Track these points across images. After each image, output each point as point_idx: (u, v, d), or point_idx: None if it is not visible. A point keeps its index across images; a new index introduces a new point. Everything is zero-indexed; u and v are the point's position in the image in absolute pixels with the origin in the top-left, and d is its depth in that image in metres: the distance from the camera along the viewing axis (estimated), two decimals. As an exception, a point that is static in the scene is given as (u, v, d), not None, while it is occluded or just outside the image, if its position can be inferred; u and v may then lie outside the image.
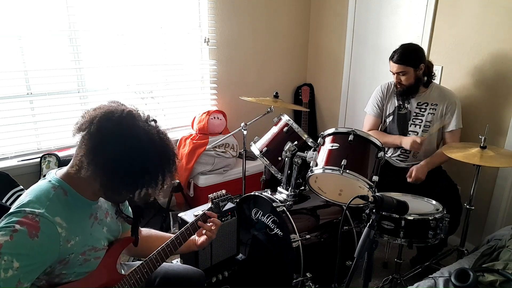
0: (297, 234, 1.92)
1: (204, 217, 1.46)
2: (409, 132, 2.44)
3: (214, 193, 1.59)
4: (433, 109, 2.40)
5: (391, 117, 2.52)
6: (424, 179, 2.29)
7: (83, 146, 1.07)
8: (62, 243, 1.07)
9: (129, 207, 1.40)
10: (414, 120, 2.44)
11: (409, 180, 2.31)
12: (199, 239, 1.48)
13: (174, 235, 1.41)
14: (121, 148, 1.05)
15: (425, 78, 2.40)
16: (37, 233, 1.01)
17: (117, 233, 1.36)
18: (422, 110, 2.42)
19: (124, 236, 1.41)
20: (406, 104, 2.46)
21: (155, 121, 1.17)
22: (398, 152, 2.51)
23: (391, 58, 2.35)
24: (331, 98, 3.68)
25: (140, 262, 1.36)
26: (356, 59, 3.35)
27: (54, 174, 1.16)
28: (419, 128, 2.42)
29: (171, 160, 1.15)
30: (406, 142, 2.35)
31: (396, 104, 2.50)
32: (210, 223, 1.46)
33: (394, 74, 2.37)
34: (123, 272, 1.35)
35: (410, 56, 2.31)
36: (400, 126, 2.48)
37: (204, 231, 1.46)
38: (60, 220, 1.07)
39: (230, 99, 3.42)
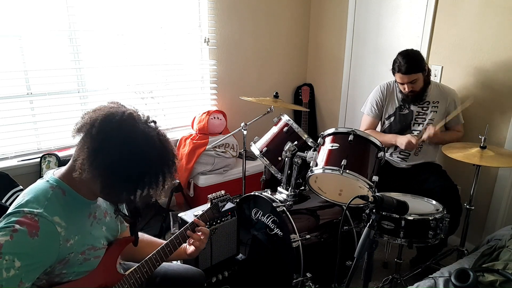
0: (297, 234, 1.92)
1: (192, 226, 1.43)
2: (412, 132, 2.44)
3: (214, 194, 1.60)
4: (435, 106, 2.40)
5: (392, 118, 2.52)
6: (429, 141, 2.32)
7: (84, 148, 1.07)
8: (61, 242, 1.07)
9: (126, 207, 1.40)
10: (417, 119, 2.44)
11: (426, 132, 2.29)
12: (189, 248, 1.47)
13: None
14: (122, 150, 1.06)
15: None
16: (37, 232, 1.01)
17: (116, 232, 1.37)
18: (424, 108, 2.42)
19: (123, 235, 1.41)
20: (407, 104, 2.46)
21: (154, 122, 1.17)
22: (399, 149, 2.51)
23: (398, 71, 2.29)
24: (331, 98, 3.68)
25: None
26: (356, 59, 3.35)
27: (52, 174, 1.16)
28: (423, 127, 2.42)
29: (170, 161, 1.16)
30: (401, 142, 2.35)
31: (397, 105, 2.49)
32: (199, 233, 1.44)
33: (403, 84, 2.33)
34: (122, 271, 1.35)
35: (417, 63, 2.27)
36: (402, 127, 2.48)
37: (192, 241, 1.43)
38: (59, 220, 1.07)
39: (230, 99, 3.42)
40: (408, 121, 2.46)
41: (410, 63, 2.25)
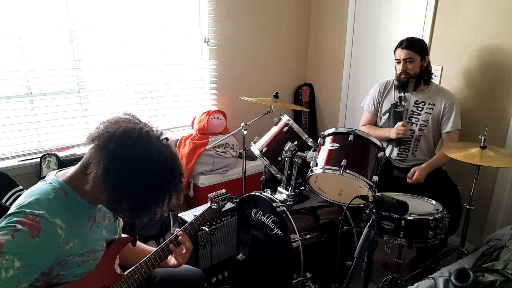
0: (297, 234, 1.92)
1: (175, 239, 1.40)
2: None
3: (214, 193, 1.59)
4: (430, 108, 2.40)
5: (387, 115, 2.53)
6: (423, 181, 2.29)
7: (100, 164, 1.06)
8: (61, 244, 1.07)
9: None
10: (410, 118, 2.44)
11: (409, 181, 2.31)
12: (170, 259, 1.42)
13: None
14: (136, 170, 1.07)
15: (425, 78, 2.40)
16: (38, 233, 1.01)
17: (115, 234, 1.36)
18: (419, 109, 2.42)
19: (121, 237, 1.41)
20: (403, 102, 2.45)
21: (167, 139, 1.18)
22: (397, 151, 2.50)
23: (398, 46, 2.38)
24: (331, 98, 3.68)
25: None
26: (356, 59, 3.35)
27: (54, 176, 1.16)
28: (416, 126, 2.42)
29: (178, 179, 1.17)
30: (393, 131, 2.38)
31: (393, 101, 2.49)
32: (182, 248, 1.40)
33: (400, 62, 2.37)
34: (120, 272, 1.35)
35: (418, 44, 2.36)
36: (396, 124, 2.47)
37: (175, 255, 1.40)
38: (60, 222, 1.07)
39: (230, 99, 3.42)
40: (402, 119, 2.45)
41: (412, 40, 2.36)
